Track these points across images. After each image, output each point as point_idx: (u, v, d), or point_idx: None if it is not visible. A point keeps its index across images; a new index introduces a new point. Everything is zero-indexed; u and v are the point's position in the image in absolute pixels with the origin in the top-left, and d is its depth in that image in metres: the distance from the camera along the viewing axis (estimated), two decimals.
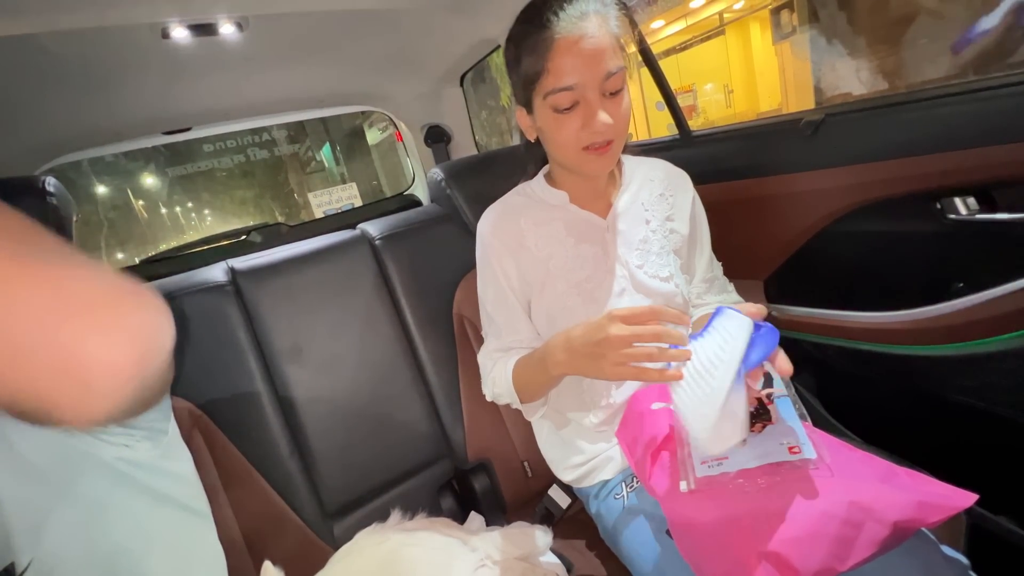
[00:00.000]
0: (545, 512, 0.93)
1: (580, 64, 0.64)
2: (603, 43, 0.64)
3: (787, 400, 0.62)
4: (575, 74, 0.64)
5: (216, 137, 7.69)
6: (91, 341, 0.30)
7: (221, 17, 0.90)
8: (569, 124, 0.67)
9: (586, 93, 0.65)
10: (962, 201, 0.75)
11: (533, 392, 0.76)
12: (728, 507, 0.55)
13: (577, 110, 0.67)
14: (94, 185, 9.00)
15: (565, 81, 0.65)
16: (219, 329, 0.90)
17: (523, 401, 0.77)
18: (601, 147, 0.68)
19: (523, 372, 0.76)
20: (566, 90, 0.65)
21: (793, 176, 0.92)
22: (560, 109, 0.67)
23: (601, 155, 0.68)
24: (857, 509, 0.50)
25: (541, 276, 0.78)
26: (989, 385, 0.74)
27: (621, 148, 0.72)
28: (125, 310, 0.33)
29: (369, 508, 0.96)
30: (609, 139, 0.68)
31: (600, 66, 0.64)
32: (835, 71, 5.83)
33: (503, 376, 0.77)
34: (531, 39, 0.66)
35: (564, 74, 0.65)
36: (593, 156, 0.69)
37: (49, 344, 0.28)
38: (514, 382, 0.76)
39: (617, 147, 0.70)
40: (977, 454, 0.82)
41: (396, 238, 1.07)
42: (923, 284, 0.80)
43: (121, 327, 0.32)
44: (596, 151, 0.68)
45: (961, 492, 0.50)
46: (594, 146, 0.68)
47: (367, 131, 9.93)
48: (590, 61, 0.64)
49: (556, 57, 0.64)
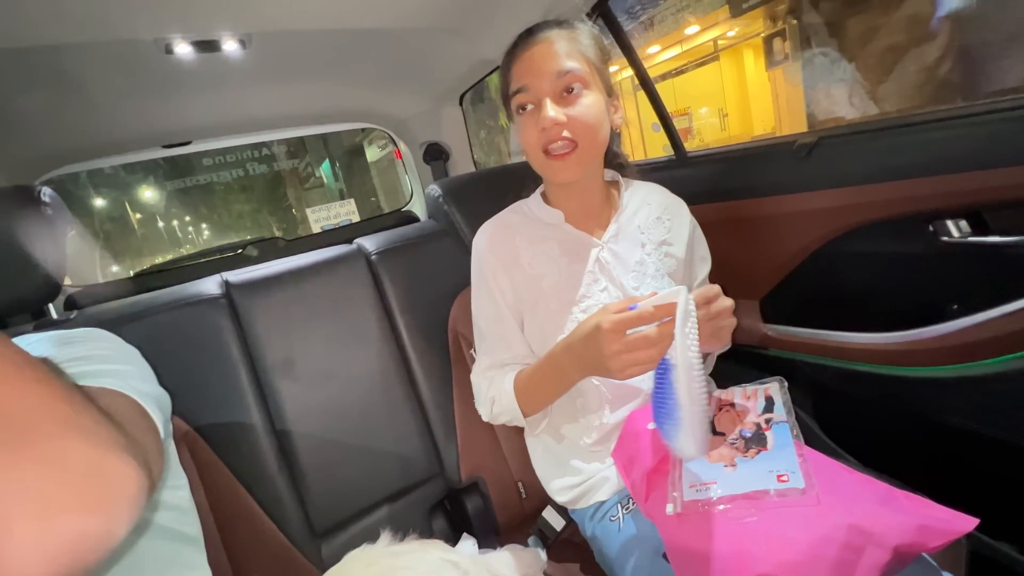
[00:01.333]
0: (539, 534, 0.91)
1: (532, 66, 0.69)
2: (557, 49, 0.69)
3: (785, 427, 0.62)
4: (527, 76, 0.70)
5: (216, 151, 7.75)
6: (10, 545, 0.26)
7: (225, 34, 0.91)
8: (529, 126, 0.71)
9: (537, 93, 0.69)
10: (954, 224, 0.76)
11: (538, 403, 0.76)
12: (726, 531, 0.54)
13: (533, 112, 0.71)
14: (92, 197, 9.01)
15: (519, 83, 0.70)
16: (211, 343, 0.89)
17: (526, 415, 0.76)
18: (561, 154, 0.70)
19: (527, 383, 0.75)
20: (520, 92, 0.71)
21: (787, 197, 0.93)
22: (520, 112, 0.72)
23: (561, 160, 0.70)
24: (857, 533, 0.49)
25: (534, 294, 0.78)
26: (986, 407, 0.74)
27: (588, 157, 0.72)
28: (68, 516, 0.28)
29: (358, 528, 0.94)
30: (568, 141, 0.69)
31: (550, 66, 0.68)
32: (828, 97, 5.97)
33: (504, 391, 0.76)
34: (505, 60, 0.74)
35: (519, 77, 0.71)
36: (555, 161, 0.71)
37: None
38: (517, 396, 0.75)
39: (582, 155, 0.70)
40: (976, 478, 0.81)
41: (392, 253, 1.07)
42: (917, 305, 0.80)
43: (54, 537, 0.28)
44: (557, 157, 0.70)
45: (962, 516, 0.50)
46: (554, 151, 0.70)
47: (367, 148, 10.04)
48: (541, 63, 0.69)
49: (515, 65, 0.71)
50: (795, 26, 6.45)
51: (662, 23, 7.84)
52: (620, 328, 0.56)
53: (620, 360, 0.56)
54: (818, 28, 5.91)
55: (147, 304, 0.89)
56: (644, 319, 0.55)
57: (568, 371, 0.67)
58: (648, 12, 7.82)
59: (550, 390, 0.73)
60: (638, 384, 0.77)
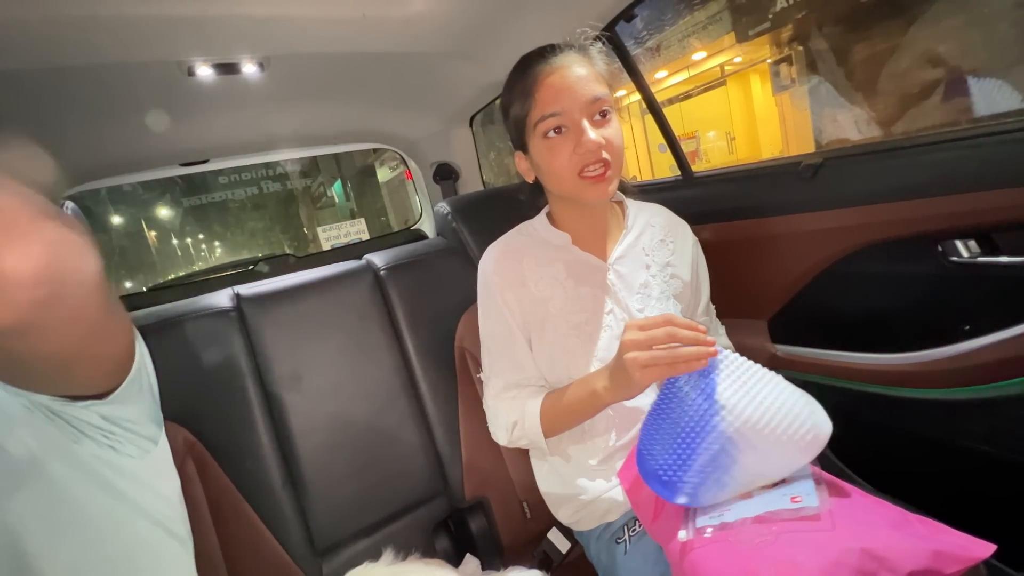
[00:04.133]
0: (543, 556, 0.89)
1: (564, 91, 0.68)
2: (584, 73, 0.69)
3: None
4: (560, 100, 0.68)
5: (231, 169, 7.92)
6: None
7: (244, 57, 0.95)
8: (561, 149, 0.70)
9: (573, 116, 0.69)
10: (963, 244, 0.75)
11: (562, 426, 0.75)
12: (736, 555, 0.53)
13: (567, 135, 0.69)
14: (110, 213, 9.21)
15: (552, 108, 0.69)
16: (221, 354, 0.90)
17: (547, 437, 0.76)
18: (597, 176, 0.69)
19: (554, 405, 0.74)
20: (553, 116, 0.69)
21: (794, 217, 0.93)
22: (550, 135, 0.70)
23: (598, 182, 0.70)
24: (869, 558, 0.48)
25: (541, 316, 0.78)
26: (1000, 431, 0.72)
27: (618, 177, 0.73)
28: (35, 225, 0.34)
29: (360, 546, 0.93)
30: (603, 163, 0.69)
31: (583, 91, 0.68)
32: (835, 121, 6.00)
33: (529, 414, 0.75)
34: (519, 85, 0.72)
35: (550, 102, 0.69)
36: (590, 183, 0.70)
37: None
38: (542, 418, 0.75)
39: (614, 175, 0.71)
40: (992, 503, 0.78)
41: (401, 269, 1.08)
42: (926, 327, 0.79)
43: (27, 238, 0.33)
44: (593, 179, 0.70)
45: (979, 542, 0.48)
46: (589, 173, 0.69)
47: (378, 169, 10.21)
48: (573, 87, 0.68)
49: (541, 90, 0.69)
50: (801, 52, 6.54)
51: (668, 49, 7.98)
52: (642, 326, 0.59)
53: (646, 374, 0.58)
54: (824, 54, 5.98)
55: (160, 315, 0.91)
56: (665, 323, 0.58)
57: (598, 390, 0.67)
58: (655, 38, 7.98)
59: (577, 412, 0.73)
60: (644, 407, 0.77)
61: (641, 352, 0.58)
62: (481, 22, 1.01)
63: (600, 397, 0.67)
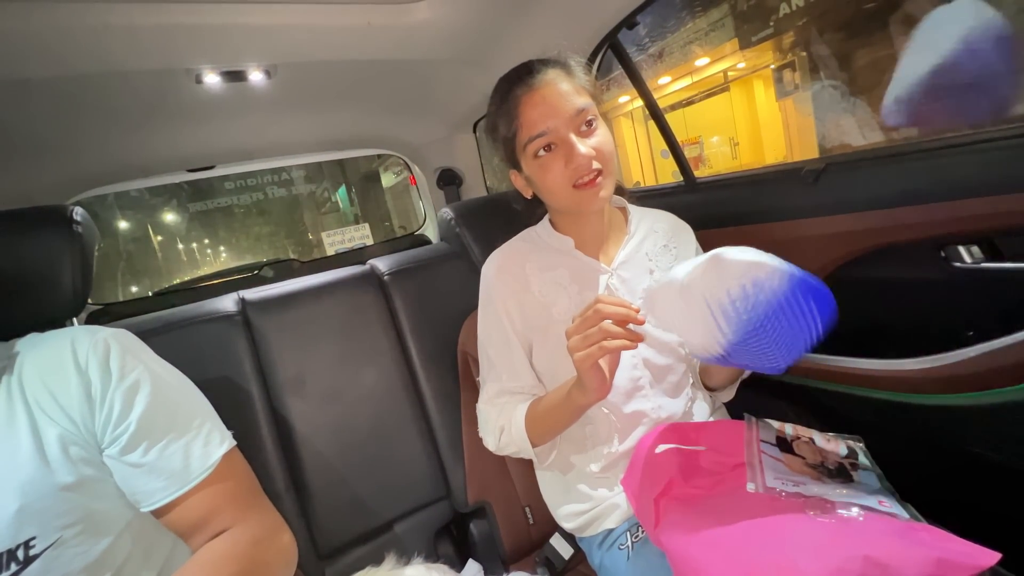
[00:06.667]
0: (546, 562, 0.88)
1: (547, 110, 0.69)
2: (565, 88, 0.70)
3: (873, 475, 0.64)
4: (546, 120, 0.69)
5: (237, 175, 7.97)
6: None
7: (251, 65, 0.96)
8: (553, 165, 0.71)
9: (560, 133, 0.69)
10: (966, 250, 0.75)
11: (548, 432, 0.75)
12: (737, 560, 0.53)
13: (557, 151, 0.70)
14: (117, 218, 9.29)
15: (538, 128, 0.70)
16: (225, 359, 0.91)
17: (534, 445, 0.76)
18: (590, 182, 0.70)
19: (537, 411, 0.74)
20: (541, 136, 0.70)
21: (797, 222, 0.93)
22: (540, 154, 0.71)
23: (592, 188, 0.71)
24: (872, 565, 0.47)
25: (543, 322, 0.79)
26: (1005, 437, 0.72)
27: (612, 182, 0.74)
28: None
29: (363, 550, 0.93)
30: (595, 170, 0.70)
31: (566, 106, 0.69)
32: (839, 127, 6.00)
33: (515, 421, 0.75)
34: (502, 106, 0.73)
35: (536, 123, 0.70)
36: (585, 191, 0.71)
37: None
38: (527, 424, 0.75)
39: (607, 180, 0.72)
40: (999, 510, 0.77)
41: (404, 274, 1.08)
42: (929, 332, 0.79)
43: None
44: (586, 186, 0.70)
45: (984, 550, 0.48)
46: (582, 182, 0.70)
47: (382, 174, 10.28)
48: (556, 105, 0.69)
49: (525, 111, 0.70)
50: (804, 57, 6.55)
51: (671, 55, 8.01)
52: (578, 333, 0.60)
53: (581, 360, 0.59)
54: (827, 60, 5.99)
55: (166, 320, 0.91)
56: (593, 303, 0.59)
57: (570, 390, 0.67)
58: (657, 44, 8.01)
59: (558, 417, 0.73)
60: (647, 411, 0.77)
61: (574, 339, 0.59)
62: (485, 29, 1.02)
63: (572, 398, 0.67)
